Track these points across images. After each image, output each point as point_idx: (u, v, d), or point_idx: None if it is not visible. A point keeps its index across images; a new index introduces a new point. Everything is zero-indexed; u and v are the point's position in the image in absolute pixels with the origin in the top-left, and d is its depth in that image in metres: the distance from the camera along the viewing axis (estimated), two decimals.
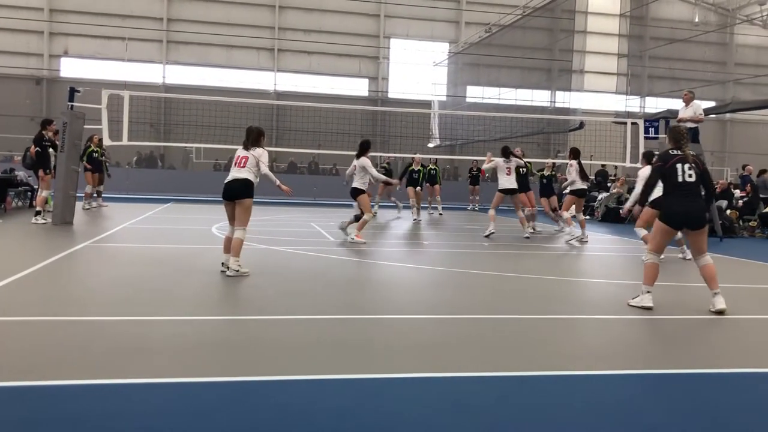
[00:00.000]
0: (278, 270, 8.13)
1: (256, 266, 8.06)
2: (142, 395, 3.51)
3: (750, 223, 16.59)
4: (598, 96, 35.49)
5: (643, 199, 6.69)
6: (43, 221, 12.51)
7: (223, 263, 7.48)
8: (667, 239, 6.30)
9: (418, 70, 36.48)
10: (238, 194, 7.38)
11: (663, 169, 6.11)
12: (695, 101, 14.22)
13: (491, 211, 12.99)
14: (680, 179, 6.01)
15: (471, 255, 10.58)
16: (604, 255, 11.71)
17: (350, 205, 19.15)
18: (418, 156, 18.37)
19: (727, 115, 35.43)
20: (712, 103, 25.03)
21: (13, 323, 4.96)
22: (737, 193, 18.83)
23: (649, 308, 6.10)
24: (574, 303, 6.78)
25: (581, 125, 23.59)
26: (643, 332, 5.53)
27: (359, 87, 36.49)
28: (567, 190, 12.85)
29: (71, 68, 33.72)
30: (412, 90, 36.08)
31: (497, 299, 6.75)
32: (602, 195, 21.40)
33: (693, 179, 6.02)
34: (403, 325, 5.42)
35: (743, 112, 28.57)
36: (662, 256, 6.36)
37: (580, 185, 12.63)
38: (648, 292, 6.19)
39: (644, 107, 29.62)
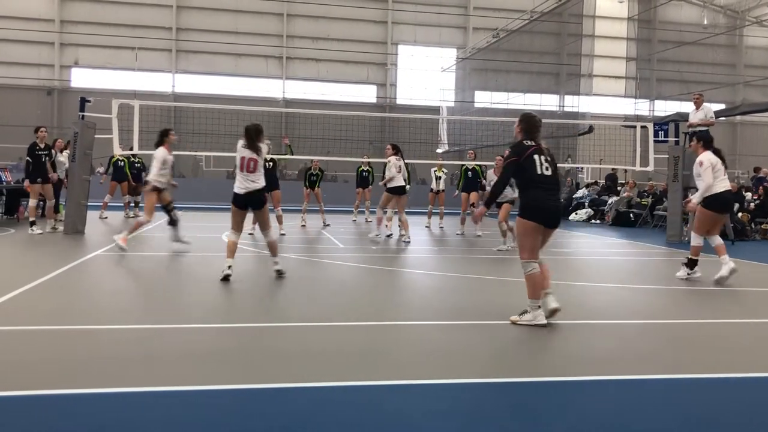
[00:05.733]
0: (288, 277, 8.15)
1: (266, 274, 8.08)
2: (150, 404, 3.52)
3: (762, 226, 16.46)
4: (607, 100, 35.40)
5: (492, 199, 5.81)
6: (39, 231, 12.21)
7: (230, 267, 7.37)
8: (537, 239, 5.55)
9: (426, 76, 36.55)
10: (257, 204, 7.55)
11: (519, 163, 5.54)
12: (705, 104, 14.17)
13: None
14: (539, 171, 5.51)
15: (477, 261, 10.55)
16: (616, 259, 11.65)
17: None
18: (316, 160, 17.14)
19: (738, 118, 35.25)
20: (722, 106, 24.91)
21: (25, 332, 4.99)
22: (749, 195, 18.70)
23: (544, 325, 5.43)
24: (584, 308, 6.75)
25: (590, 129, 23.54)
26: (653, 337, 5.49)
27: (367, 93, 36.57)
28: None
29: (82, 78, 33.99)
30: (421, 96, 36.13)
31: (505, 304, 6.72)
32: (612, 199, 21.32)
33: (550, 173, 5.56)
34: (411, 332, 5.41)
35: (753, 114, 28.41)
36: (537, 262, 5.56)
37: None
38: (539, 307, 5.50)
39: (653, 110, 29.53)
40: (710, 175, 8.00)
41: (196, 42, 34.25)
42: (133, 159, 17.40)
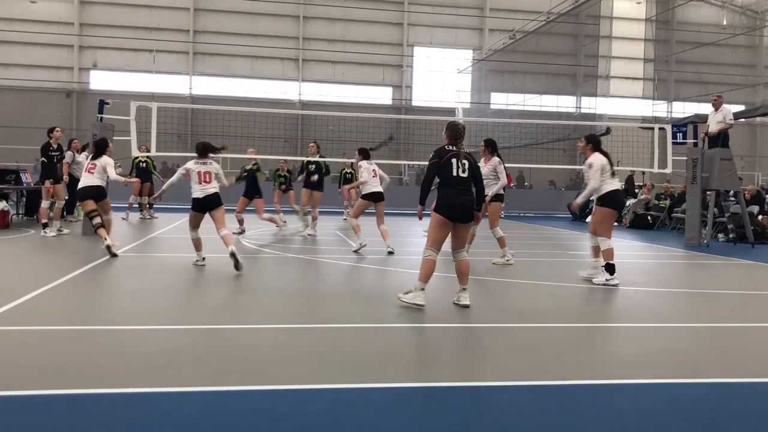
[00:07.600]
0: (302, 278, 8.17)
1: (279, 275, 8.11)
2: (166, 405, 3.54)
3: None
4: (624, 101, 35.15)
5: (422, 197, 6.40)
6: (53, 233, 12.20)
7: (203, 258, 8.82)
8: (444, 233, 6.27)
9: (442, 77, 36.50)
10: (215, 206, 8.65)
11: (439, 164, 6.30)
12: (724, 105, 14.03)
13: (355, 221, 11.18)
14: (454, 174, 6.26)
15: (485, 263, 10.51)
16: (633, 262, 11.56)
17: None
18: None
19: (758, 119, 34.87)
20: (741, 107, 24.61)
21: (43, 333, 5.05)
22: None
23: (420, 306, 6.07)
24: (598, 310, 6.70)
25: (608, 131, 23.35)
26: (672, 340, 5.44)
27: (383, 95, 36.60)
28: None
29: (100, 81, 34.35)
30: (436, 98, 36.08)
31: (514, 306, 6.69)
32: (630, 201, 21.15)
33: (466, 175, 6.30)
34: (425, 334, 5.41)
35: None
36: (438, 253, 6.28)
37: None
38: (422, 289, 6.16)
39: (671, 112, 29.24)
40: (598, 177, 8.01)
41: (213, 44, 34.48)
42: (138, 159, 17.26)
